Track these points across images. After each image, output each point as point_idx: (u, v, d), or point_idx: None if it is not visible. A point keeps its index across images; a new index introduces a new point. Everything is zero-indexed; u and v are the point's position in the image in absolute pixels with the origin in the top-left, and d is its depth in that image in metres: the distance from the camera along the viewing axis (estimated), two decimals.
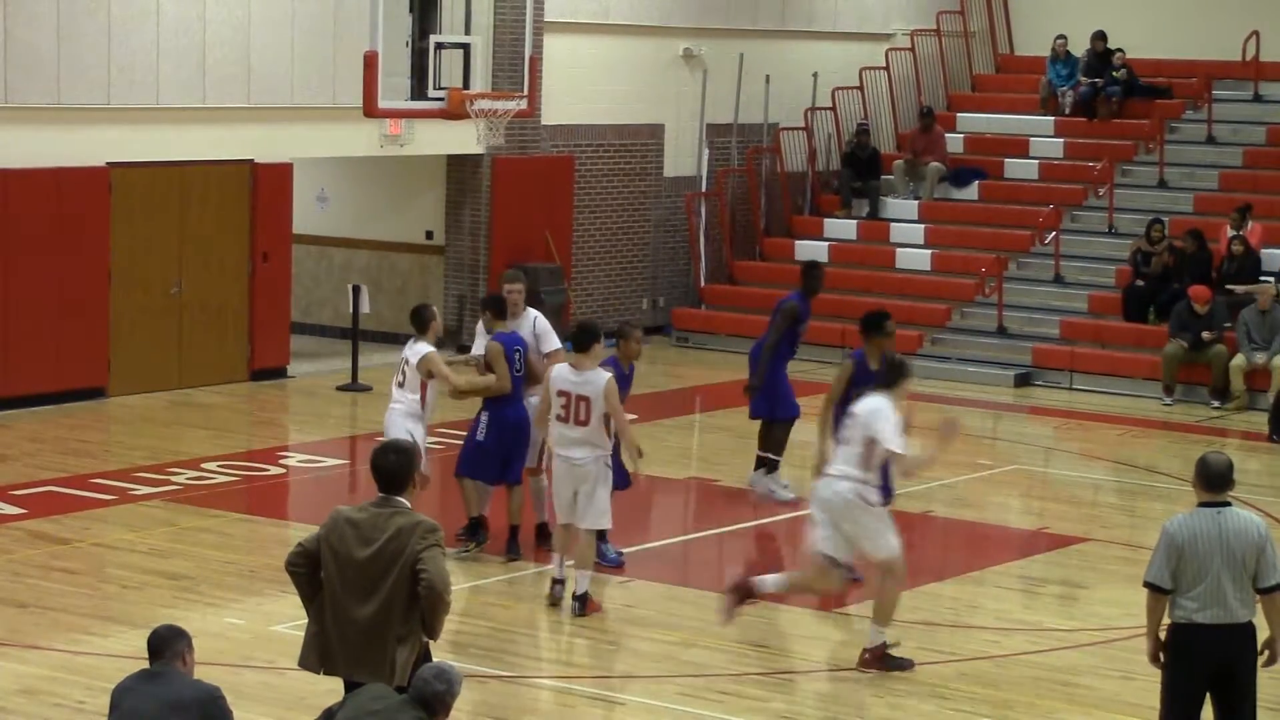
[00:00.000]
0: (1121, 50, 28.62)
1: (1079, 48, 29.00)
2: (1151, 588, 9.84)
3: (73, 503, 16.67)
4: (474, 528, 15.13)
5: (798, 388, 17.93)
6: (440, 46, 18.93)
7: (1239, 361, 22.89)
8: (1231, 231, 24.51)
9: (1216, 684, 9.82)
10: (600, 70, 26.20)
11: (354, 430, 20.78)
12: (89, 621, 13.27)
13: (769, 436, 17.59)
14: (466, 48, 19.09)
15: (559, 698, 12.16)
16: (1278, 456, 20.89)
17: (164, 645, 8.20)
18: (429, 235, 25.43)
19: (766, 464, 17.47)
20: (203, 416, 20.77)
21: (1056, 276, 26.01)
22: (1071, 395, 23.66)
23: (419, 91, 18.89)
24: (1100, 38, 28.80)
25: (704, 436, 21.54)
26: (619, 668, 12.88)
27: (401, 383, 15.08)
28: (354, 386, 22.47)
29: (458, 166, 25.04)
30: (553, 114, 25.21)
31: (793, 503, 17.23)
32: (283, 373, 23.05)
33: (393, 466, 9.07)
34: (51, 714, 11.43)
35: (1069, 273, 26.02)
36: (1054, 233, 26.26)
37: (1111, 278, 25.53)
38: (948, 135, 28.66)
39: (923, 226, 27.45)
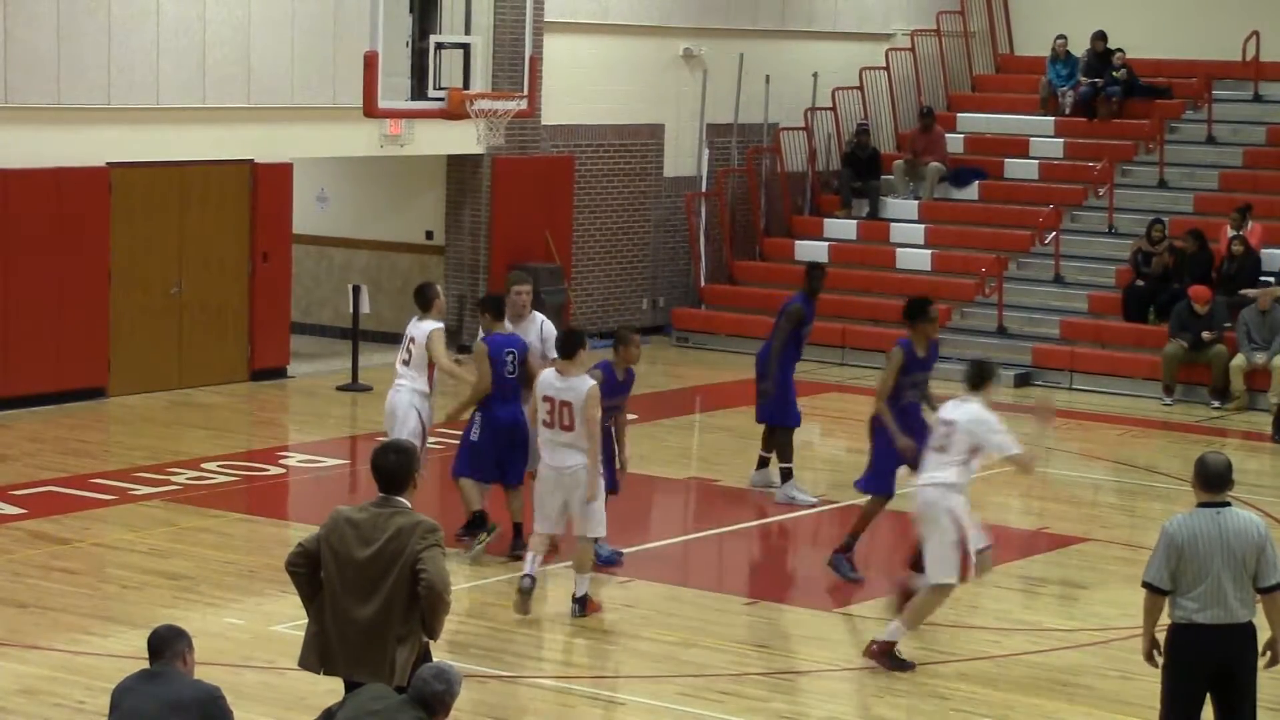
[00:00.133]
0: (1121, 50, 28.61)
1: (1079, 48, 28.99)
2: (1150, 588, 9.84)
3: (73, 503, 16.67)
4: (475, 523, 15.10)
5: (800, 389, 17.91)
6: (440, 46, 18.92)
7: (1239, 361, 22.88)
8: (1231, 231, 24.49)
9: (1217, 684, 9.82)
10: (600, 70, 26.20)
11: (354, 430, 20.77)
12: (89, 621, 13.26)
13: (775, 442, 17.57)
14: (466, 48, 19.08)
15: (559, 698, 12.16)
16: (1278, 457, 20.90)
17: (164, 645, 8.20)
18: (429, 235, 25.43)
19: (783, 473, 17.45)
20: (203, 416, 20.76)
21: (1056, 276, 26.00)
22: (1071, 395, 23.65)
23: (419, 91, 18.88)
24: (1100, 38, 28.79)
25: (704, 436, 21.53)
26: (619, 668, 12.88)
27: (407, 360, 15.18)
28: (354, 386, 22.47)
29: (458, 166, 25.03)
30: (553, 114, 25.21)
31: (813, 505, 17.26)
32: (283, 373, 23.05)
33: (393, 466, 9.07)
34: (51, 714, 11.43)
35: (1069, 273, 26.01)
36: (1054, 233, 26.25)
37: (1111, 278, 25.53)
38: (948, 135, 28.65)
39: (923, 226, 27.44)
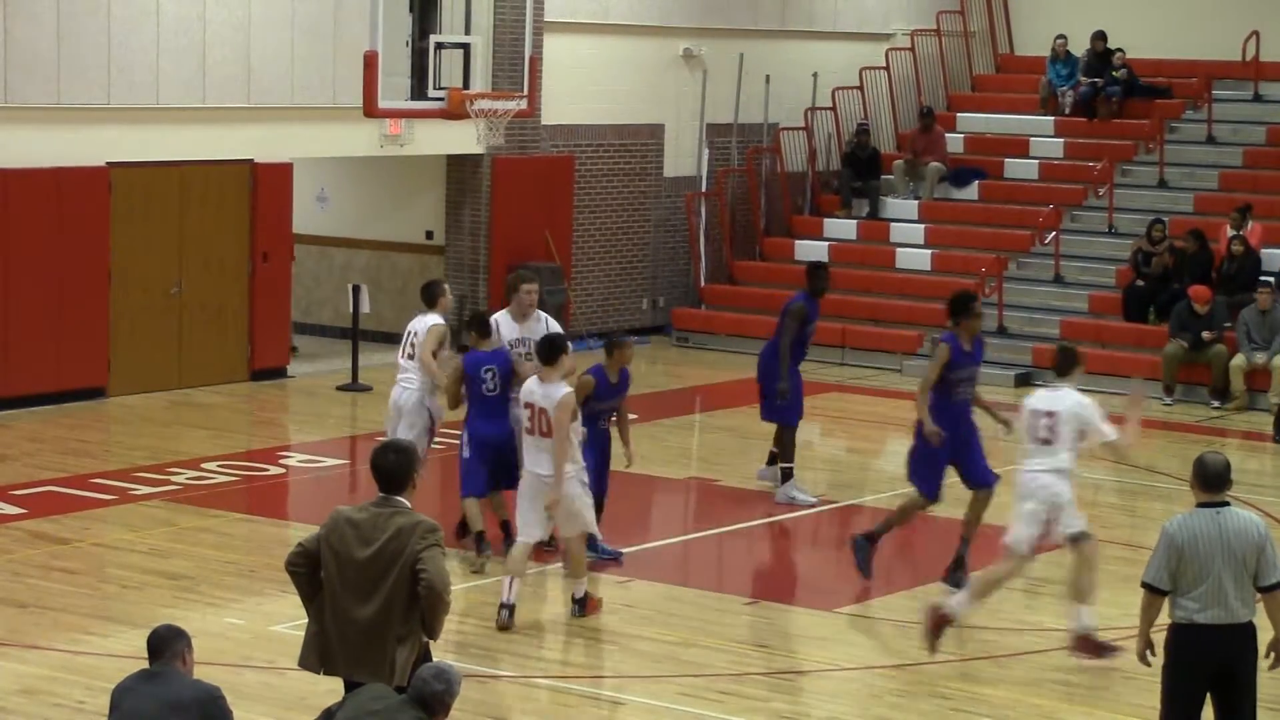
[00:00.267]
0: (1121, 50, 28.61)
1: (1079, 48, 28.99)
2: (1149, 588, 9.83)
3: (73, 503, 16.67)
4: (477, 540, 15.04)
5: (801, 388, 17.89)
6: (440, 46, 18.91)
7: (1239, 361, 22.88)
8: (1231, 231, 24.49)
9: (1217, 684, 9.82)
10: (600, 70, 26.20)
11: (354, 430, 20.77)
12: (89, 621, 13.27)
13: (780, 440, 17.56)
14: (466, 48, 19.08)
15: (559, 698, 12.16)
16: (1278, 457, 20.89)
17: (163, 645, 8.20)
18: (429, 235, 25.42)
19: (784, 473, 17.42)
20: (203, 416, 20.76)
21: (1056, 276, 26.00)
22: None
23: (419, 91, 18.87)
24: (1100, 38, 28.79)
25: (704, 436, 21.52)
26: (619, 668, 12.87)
27: (411, 355, 15.28)
28: (354, 386, 22.46)
29: (458, 166, 25.03)
30: (553, 114, 25.21)
31: (812, 505, 17.26)
32: (283, 373, 23.05)
33: (392, 466, 9.07)
34: (51, 714, 11.43)
35: (1069, 273, 26.01)
36: (1054, 233, 26.25)
37: (1111, 278, 25.53)
38: (948, 135, 28.65)
39: (923, 226, 27.44)
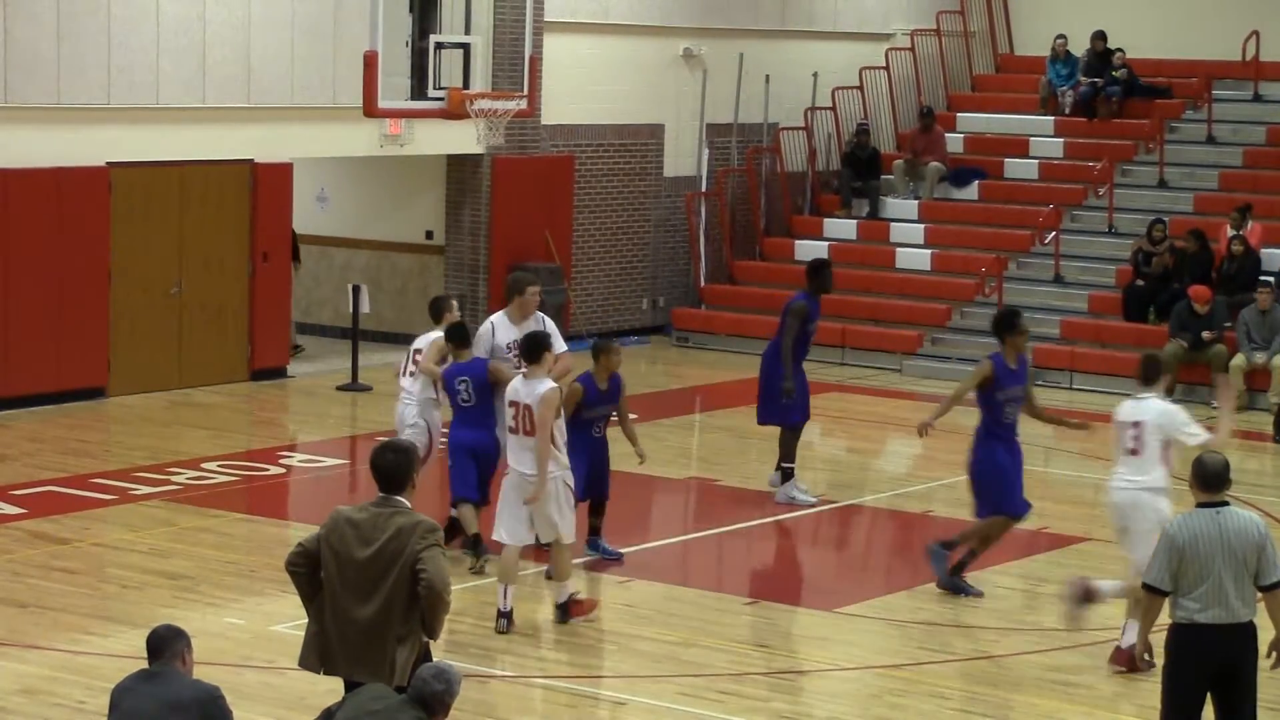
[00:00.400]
0: (1121, 50, 28.61)
1: (1079, 48, 28.99)
2: (1151, 589, 9.83)
3: (73, 503, 16.67)
4: (471, 545, 14.99)
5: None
6: (440, 46, 18.90)
7: (1239, 361, 22.87)
8: (1231, 231, 24.50)
9: (1218, 684, 9.82)
10: (600, 70, 26.19)
11: (354, 430, 20.77)
12: (89, 621, 13.26)
13: (780, 441, 17.52)
14: (466, 48, 19.07)
15: (559, 698, 12.15)
16: (1278, 457, 20.88)
17: (163, 645, 8.20)
18: (429, 235, 25.42)
19: (784, 473, 17.40)
20: (203, 416, 20.76)
21: (1056, 276, 26.00)
22: (1071, 395, 23.62)
23: (419, 91, 18.87)
24: (1100, 38, 28.79)
25: (704, 436, 21.52)
26: (619, 668, 12.87)
27: (413, 373, 15.27)
28: (354, 386, 22.46)
29: (458, 166, 25.02)
30: (553, 114, 25.20)
31: (812, 505, 17.25)
32: (283, 373, 23.05)
33: (391, 466, 9.07)
34: (51, 714, 11.43)
35: (1069, 273, 26.01)
36: (1054, 233, 26.25)
37: (1111, 278, 25.52)
38: (948, 135, 28.65)
39: (923, 226, 27.44)
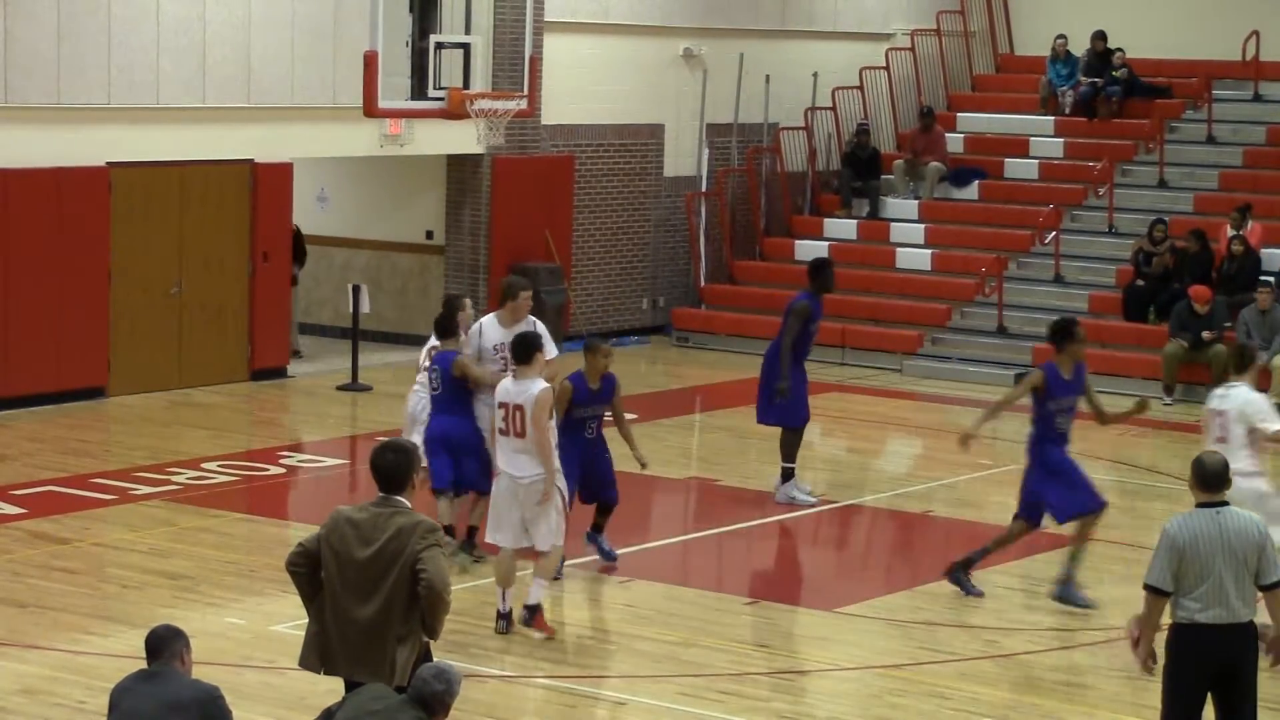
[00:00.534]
0: (1121, 50, 28.61)
1: (1079, 48, 28.99)
2: (1153, 590, 9.81)
3: (73, 503, 16.66)
4: (465, 544, 14.96)
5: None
6: (440, 46, 18.91)
7: None
8: (1231, 231, 24.50)
9: (1219, 684, 9.81)
10: (600, 70, 26.19)
11: (354, 430, 20.77)
12: (89, 621, 13.26)
13: (781, 441, 17.51)
14: (466, 48, 19.08)
15: (559, 698, 12.15)
16: (1279, 457, 20.86)
17: (162, 645, 8.20)
18: (429, 235, 25.42)
19: (784, 473, 17.39)
20: (203, 416, 20.76)
21: (1056, 276, 26.00)
22: None
23: (419, 91, 18.88)
24: (1100, 37, 28.79)
25: (704, 436, 21.52)
26: (619, 668, 12.87)
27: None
28: (354, 386, 22.46)
29: (458, 166, 25.02)
30: (553, 114, 25.20)
31: (813, 505, 17.25)
32: (283, 373, 23.05)
33: (390, 465, 9.07)
34: (51, 714, 11.43)
35: (1069, 273, 26.01)
36: (1054, 233, 26.25)
37: (1112, 278, 25.52)
38: (948, 135, 28.65)
39: (923, 226, 27.44)
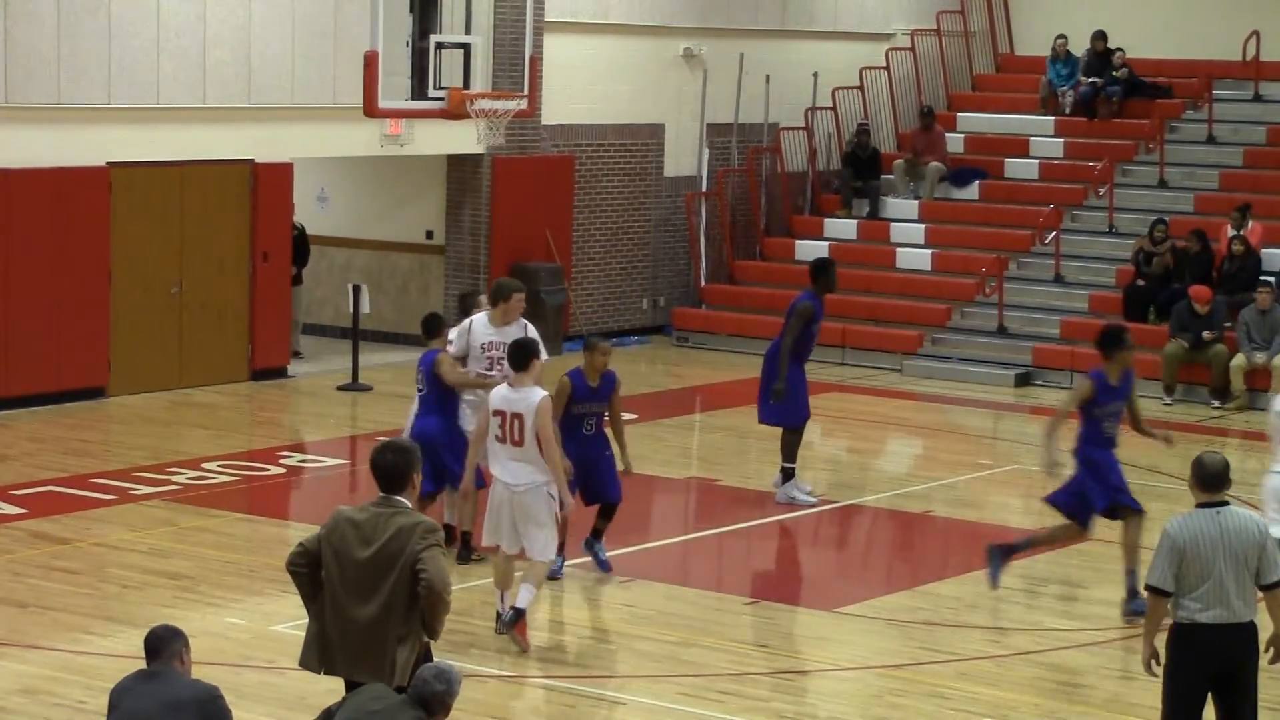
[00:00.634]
0: (1121, 50, 28.61)
1: (1079, 47, 28.99)
2: (1155, 591, 9.81)
3: (73, 503, 16.66)
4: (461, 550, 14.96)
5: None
6: (440, 46, 18.92)
7: (1239, 361, 22.88)
8: (1232, 231, 24.50)
9: (1219, 684, 9.81)
10: (600, 70, 26.19)
11: (354, 430, 20.77)
12: (89, 621, 13.26)
13: (781, 441, 17.49)
14: (466, 48, 19.09)
15: (559, 698, 12.15)
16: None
17: (161, 645, 8.20)
18: (429, 235, 25.41)
19: (784, 473, 17.37)
20: (203, 416, 20.76)
21: (1056, 276, 26.00)
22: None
23: (419, 91, 18.88)
24: (1100, 37, 28.79)
25: (704, 436, 21.52)
26: (619, 668, 12.87)
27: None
28: (354, 386, 22.46)
29: (458, 166, 25.02)
30: (553, 114, 25.20)
31: (813, 505, 17.24)
32: (283, 373, 23.05)
33: (390, 465, 9.06)
34: (51, 714, 11.42)
35: (1069, 273, 26.01)
36: (1054, 233, 26.25)
37: (1112, 278, 25.52)
38: (948, 135, 28.65)
39: (923, 226, 27.44)
